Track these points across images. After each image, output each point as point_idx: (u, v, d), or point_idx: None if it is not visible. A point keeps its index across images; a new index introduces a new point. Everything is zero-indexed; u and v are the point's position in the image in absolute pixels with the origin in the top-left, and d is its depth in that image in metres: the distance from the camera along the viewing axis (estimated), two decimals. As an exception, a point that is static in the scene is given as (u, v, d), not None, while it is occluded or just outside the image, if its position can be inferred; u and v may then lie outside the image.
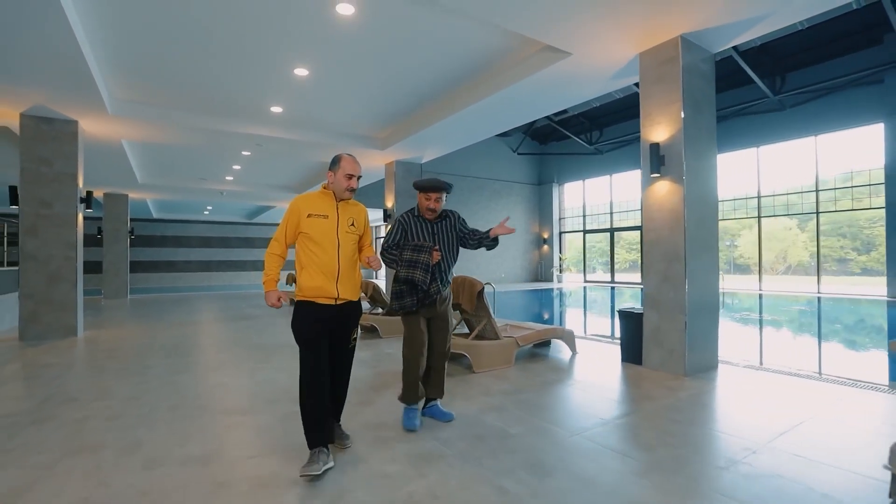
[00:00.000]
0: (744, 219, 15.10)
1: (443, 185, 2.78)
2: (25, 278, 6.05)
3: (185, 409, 3.23)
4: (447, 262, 2.91)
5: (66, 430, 2.83)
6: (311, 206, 2.37)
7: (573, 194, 20.60)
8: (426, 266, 2.73)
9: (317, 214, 2.36)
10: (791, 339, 6.94)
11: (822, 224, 13.29)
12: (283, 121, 7.30)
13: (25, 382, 3.99)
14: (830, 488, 2.06)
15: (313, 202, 2.39)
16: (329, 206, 2.40)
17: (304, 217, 2.35)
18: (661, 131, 4.18)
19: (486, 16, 3.88)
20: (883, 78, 11.64)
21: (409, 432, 2.73)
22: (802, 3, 3.61)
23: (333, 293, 2.35)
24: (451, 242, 2.93)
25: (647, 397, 3.43)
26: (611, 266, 19.11)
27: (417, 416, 2.84)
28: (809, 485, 2.10)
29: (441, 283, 2.86)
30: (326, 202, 2.41)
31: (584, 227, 19.92)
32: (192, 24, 4.38)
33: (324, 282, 2.33)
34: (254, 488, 2.10)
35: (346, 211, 2.45)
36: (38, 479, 2.19)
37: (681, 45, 4.05)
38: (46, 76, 4.87)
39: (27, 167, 6.07)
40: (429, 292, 2.78)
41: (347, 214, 2.44)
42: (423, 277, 2.72)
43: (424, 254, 2.75)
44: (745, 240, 15.81)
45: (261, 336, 6.26)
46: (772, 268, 15.07)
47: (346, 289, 2.40)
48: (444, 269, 2.89)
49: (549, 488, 2.08)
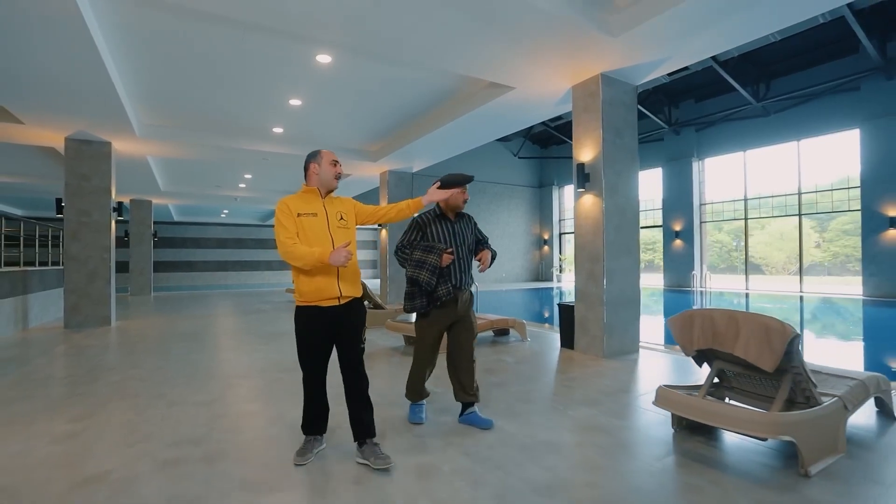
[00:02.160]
0: (730, 220, 15.61)
1: (469, 177, 2.74)
2: (69, 276, 7.17)
3: (197, 375, 4.20)
4: (466, 262, 2.86)
5: (109, 387, 3.82)
6: (299, 206, 2.31)
7: (573, 196, 21.25)
8: (433, 267, 2.66)
9: (306, 213, 2.30)
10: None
11: (845, 224, 13.41)
12: (285, 139, 8.32)
13: (75, 357, 5.04)
14: (630, 422, 2.90)
15: (300, 202, 2.33)
16: (316, 204, 2.35)
17: (295, 217, 2.28)
18: (587, 153, 5.01)
19: (440, 66, 4.79)
20: (860, 85, 12.10)
21: (415, 425, 2.84)
22: (696, 47, 4.40)
23: (335, 292, 2.28)
24: (471, 242, 2.91)
25: (560, 371, 4.28)
26: (607, 266, 19.73)
27: (423, 410, 2.93)
28: (619, 422, 2.94)
29: (458, 284, 2.79)
30: (312, 200, 2.35)
31: (582, 229, 20.58)
32: (205, 64, 5.38)
33: (324, 282, 2.25)
34: (242, 417, 3.03)
35: (333, 206, 2.39)
36: (94, 412, 3.17)
37: (601, 82, 4.87)
38: (87, 109, 5.94)
39: (70, 182, 7.19)
40: (436, 294, 2.72)
41: (335, 210, 2.38)
42: (428, 279, 2.66)
43: (433, 255, 2.68)
44: (742, 241, 16.30)
45: (265, 327, 7.26)
46: (785, 268, 15.52)
47: (348, 285, 2.33)
48: (462, 270, 2.82)
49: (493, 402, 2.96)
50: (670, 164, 16.71)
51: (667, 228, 16.69)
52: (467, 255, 2.87)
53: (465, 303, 2.85)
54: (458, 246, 2.82)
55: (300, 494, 2.04)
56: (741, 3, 3.61)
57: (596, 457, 2.42)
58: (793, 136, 13.79)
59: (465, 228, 2.89)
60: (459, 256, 2.82)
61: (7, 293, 6.43)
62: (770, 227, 15.53)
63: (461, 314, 2.83)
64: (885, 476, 2.18)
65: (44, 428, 2.87)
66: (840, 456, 2.35)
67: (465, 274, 2.84)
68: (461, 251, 2.83)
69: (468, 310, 2.88)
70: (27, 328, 7.12)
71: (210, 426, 2.88)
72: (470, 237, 2.91)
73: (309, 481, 2.16)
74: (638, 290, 5.16)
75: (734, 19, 3.84)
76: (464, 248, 2.84)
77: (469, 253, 2.89)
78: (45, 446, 2.59)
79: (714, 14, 3.76)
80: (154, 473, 2.24)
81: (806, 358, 2.49)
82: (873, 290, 11.68)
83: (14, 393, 3.64)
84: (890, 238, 11.48)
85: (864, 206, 11.99)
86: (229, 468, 2.30)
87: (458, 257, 2.81)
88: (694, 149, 16.11)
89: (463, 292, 2.83)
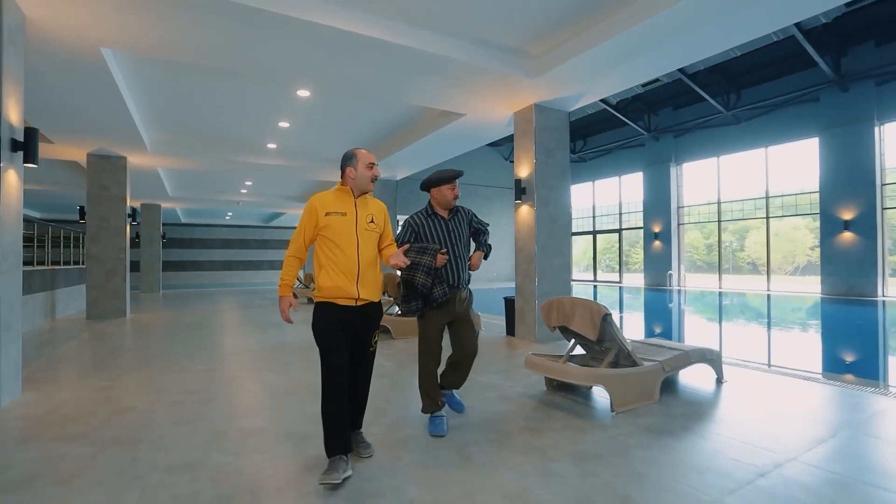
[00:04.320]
0: (705, 223, 16.45)
1: (458, 172, 2.74)
2: (90, 274, 8.24)
3: (202, 353, 5.21)
4: (462, 260, 2.82)
5: (130, 361, 4.84)
6: (329, 205, 2.30)
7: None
8: (428, 269, 2.63)
9: (335, 212, 2.29)
10: (653, 317, 8.55)
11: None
12: (278, 153, 9.36)
13: (99, 341, 6.07)
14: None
15: (330, 200, 2.32)
16: (347, 203, 2.33)
17: (322, 216, 2.28)
18: (524, 170, 5.96)
19: (399, 100, 5.77)
20: (819, 97, 12.90)
21: (435, 437, 2.67)
22: (606, 85, 5.33)
23: (353, 293, 2.26)
24: (466, 238, 2.87)
25: (491, 352, 5.23)
26: (593, 266, 20.63)
27: (444, 422, 2.74)
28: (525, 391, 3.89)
29: (455, 283, 2.77)
30: (344, 199, 2.34)
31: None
32: (206, 94, 6.38)
33: (343, 281, 2.24)
34: (231, 379, 4.03)
35: (365, 207, 2.37)
36: (120, 376, 4.18)
37: (535, 110, 5.81)
38: (107, 131, 6.98)
39: (91, 192, 8.25)
40: (432, 295, 2.68)
41: (366, 211, 2.37)
42: (423, 280, 2.63)
43: (427, 256, 2.65)
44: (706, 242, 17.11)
45: (262, 319, 8.28)
46: (781, 268, 16.32)
47: (367, 289, 2.31)
48: (459, 268, 2.79)
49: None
50: (650, 168, 17.56)
51: (647, 230, 17.54)
52: (463, 252, 2.84)
53: (464, 301, 2.82)
54: (454, 244, 2.79)
55: (263, 418, 3.01)
56: (633, 52, 4.46)
57: (483, 404, 3.37)
58: (761, 143, 14.60)
59: (460, 225, 2.86)
60: (455, 255, 2.78)
61: (39, 288, 7.49)
62: (741, 227, 16.30)
63: (460, 313, 2.80)
64: (673, 412, 3.12)
65: (86, 384, 3.88)
66: (652, 402, 3.26)
67: (461, 272, 2.80)
68: (456, 249, 2.79)
69: (467, 308, 2.84)
70: (55, 319, 8.19)
71: (206, 384, 3.88)
72: (466, 233, 2.88)
73: (270, 415, 3.14)
74: (569, 285, 6.10)
75: (634, 62, 4.67)
76: (459, 246, 2.81)
77: (465, 250, 2.86)
78: (89, 393, 3.60)
79: (607, 64, 4.69)
80: (165, 409, 3.23)
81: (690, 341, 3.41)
82: (830, 288, 12.48)
83: (57, 365, 4.68)
84: (844, 240, 12.27)
85: (822, 210, 12.79)
86: (217, 406, 3.29)
87: (454, 256, 2.78)
88: (672, 154, 16.95)
89: (461, 291, 2.80)
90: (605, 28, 4.24)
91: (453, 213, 2.88)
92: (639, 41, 4.22)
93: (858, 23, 11.22)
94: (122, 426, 2.89)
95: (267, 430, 2.82)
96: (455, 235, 2.82)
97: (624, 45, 4.28)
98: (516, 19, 4.32)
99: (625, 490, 2.07)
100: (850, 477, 2.19)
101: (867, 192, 11.94)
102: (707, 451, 2.50)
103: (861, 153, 12.08)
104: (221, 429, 2.84)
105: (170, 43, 4.19)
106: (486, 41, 4.68)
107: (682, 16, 3.80)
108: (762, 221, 14.77)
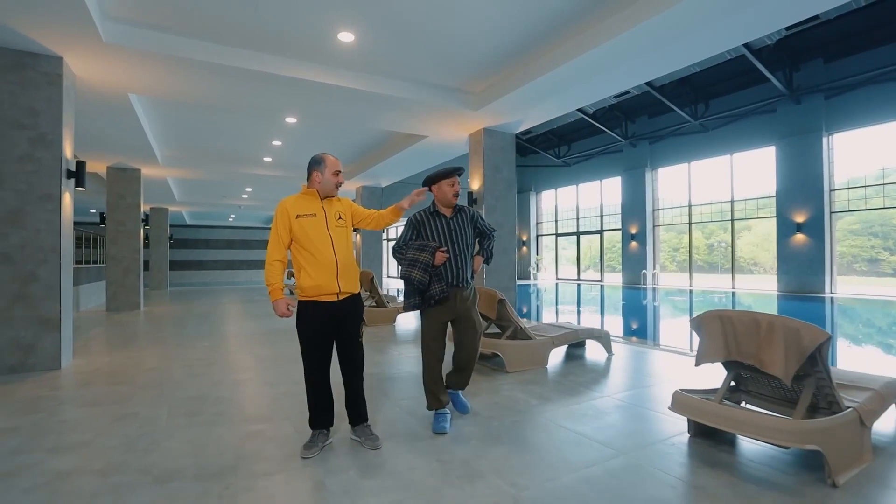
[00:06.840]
0: (678, 224, 17.49)
1: (457, 168, 2.77)
2: (109, 272, 9.42)
3: (206, 336, 6.36)
4: (465, 259, 2.79)
5: (148, 341, 6.00)
6: (298, 207, 2.39)
7: (548, 201, 23.25)
8: (425, 266, 2.65)
9: (305, 214, 2.38)
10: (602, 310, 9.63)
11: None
12: (274, 165, 10.55)
13: (120, 328, 7.24)
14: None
15: (299, 203, 2.41)
16: (315, 205, 2.43)
17: (294, 218, 2.36)
18: (475, 183, 7.08)
19: (369, 126, 6.92)
20: (776, 108, 13.92)
21: (438, 435, 2.67)
22: (539, 113, 6.43)
23: (335, 288, 2.37)
24: (469, 238, 2.84)
25: (445, 334, 6.35)
26: (577, 265, 21.70)
27: (447, 419, 2.75)
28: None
29: (455, 282, 2.75)
30: (311, 202, 2.44)
31: (556, 231, 22.57)
32: (210, 121, 7.54)
33: (324, 279, 2.34)
34: (230, 352, 5.17)
35: (332, 207, 2.48)
36: (141, 350, 5.34)
37: (484, 133, 6.93)
38: (124, 149, 8.15)
39: (111, 199, 9.44)
40: (429, 292, 2.68)
41: (333, 210, 2.48)
42: (420, 277, 2.64)
43: (426, 253, 2.67)
44: (682, 243, 18.16)
45: (259, 311, 9.44)
46: (722, 267, 17.35)
47: (347, 282, 2.41)
48: (460, 267, 2.76)
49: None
50: (627, 173, 18.60)
51: (625, 232, 18.60)
52: (466, 251, 2.80)
53: (466, 300, 2.79)
54: (455, 243, 2.76)
55: (250, 374, 4.15)
56: (557, 89, 5.47)
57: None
58: (726, 150, 15.61)
59: (463, 224, 2.82)
60: (456, 253, 2.75)
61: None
62: (711, 229, 17.34)
63: (461, 312, 2.78)
64: (558, 374, 4.23)
65: (118, 354, 5.05)
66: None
67: (462, 271, 2.77)
68: (458, 248, 2.76)
69: (470, 308, 2.81)
70: (79, 311, 9.39)
71: (209, 354, 5.04)
72: (469, 233, 2.84)
73: (255, 373, 4.28)
74: (514, 281, 7.21)
75: (563, 95, 5.68)
76: (461, 244, 2.78)
77: (468, 249, 2.82)
78: (121, 360, 4.76)
79: (535, 98, 5.79)
80: (179, 370, 4.38)
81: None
82: (784, 286, 13.51)
83: (91, 343, 5.85)
84: (797, 242, 13.30)
85: (778, 213, 13.82)
86: (218, 367, 4.43)
87: (455, 254, 2.75)
88: (648, 159, 18.00)
89: (462, 290, 2.78)
90: (531, 70, 5.21)
91: (456, 212, 2.84)
92: (559, 82, 5.20)
93: (808, 41, 12.25)
94: (150, 378, 4.05)
95: (252, 381, 3.96)
96: (456, 234, 2.78)
97: (547, 84, 5.30)
98: (454, 66, 5.42)
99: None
100: (635, 405, 3.31)
101: (816, 196, 12.97)
102: (569, 394, 3.63)
103: (811, 161, 13.10)
104: (220, 379, 3.99)
105: (181, 91, 5.34)
106: (434, 84, 5.81)
107: (606, 55, 4.43)
108: (728, 224, 15.81)
